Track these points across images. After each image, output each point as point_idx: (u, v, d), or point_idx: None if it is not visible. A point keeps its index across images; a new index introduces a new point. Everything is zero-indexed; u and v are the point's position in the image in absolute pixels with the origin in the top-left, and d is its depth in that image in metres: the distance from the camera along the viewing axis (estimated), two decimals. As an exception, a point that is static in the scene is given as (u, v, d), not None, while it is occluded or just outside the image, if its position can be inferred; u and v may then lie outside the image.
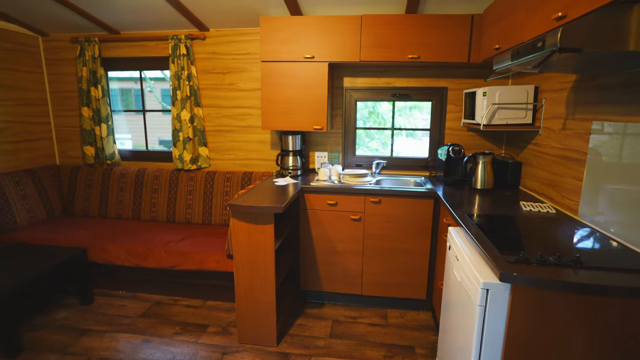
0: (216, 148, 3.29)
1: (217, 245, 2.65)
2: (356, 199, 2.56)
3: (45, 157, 3.47)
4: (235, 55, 3.12)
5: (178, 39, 3.07)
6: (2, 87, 3.05)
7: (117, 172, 3.32)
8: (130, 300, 2.79)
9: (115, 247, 2.69)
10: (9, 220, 2.92)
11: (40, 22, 3.13)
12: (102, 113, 3.30)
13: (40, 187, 3.21)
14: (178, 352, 2.21)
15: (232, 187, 3.10)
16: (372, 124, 3.28)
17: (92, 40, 3.21)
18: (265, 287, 2.21)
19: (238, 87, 3.16)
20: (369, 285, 2.67)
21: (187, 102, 3.13)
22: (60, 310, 2.65)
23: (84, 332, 2.39)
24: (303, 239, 2.67)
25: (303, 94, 2.74)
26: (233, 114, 3.21)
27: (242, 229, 2.16)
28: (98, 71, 3.25)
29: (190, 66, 3.11)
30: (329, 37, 2.63)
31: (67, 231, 2.92)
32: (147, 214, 3.22)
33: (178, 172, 3.23)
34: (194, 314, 2.61)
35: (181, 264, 2.62)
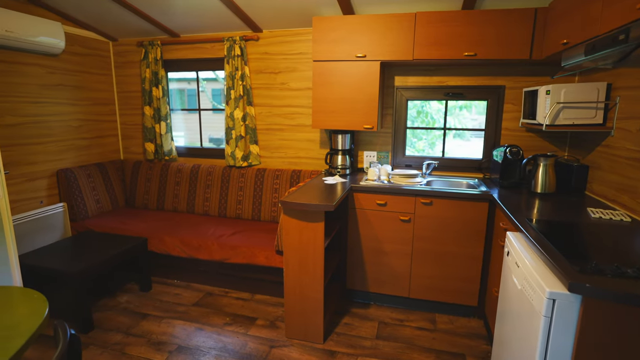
0: (266, 146, 3.38)
1: (266, 241, 2.73)
2: (406, 199, 2.51)
3: (111, 153, 3.76)
4: (287, 55, 3.18)
5: (233, 40, 3.19)
6: (78, 88, 3.34)
7: (174, 167, 3.52)
8: (184, 289, 2.94)
9: (171, 238, 2.85)
10: (82, 210, 3.19)
11: (111, 29, 3.39)
12: (162, 111, 3.51)
13: (107, 180, 3.48)
14: (228, 341, 2.30)
15: (281, 184, 3.17)
16: (419, 124, 3.20)
17: (155, 43, 3.42)
18: (313, 284, 2.23)
19: (289, 87, 3.22)
20: (417, 288, 2.62)
21: (240, 101, 3.25)
22: (123, 294, 2.86)
23: (144, 316, 2.56)
24: (351, 238, 2.67)
25: (354, 93, 2.74)
26: (283, 112, 3.28)
27: (293, 226, 2.20)
28: (159, 72, 3.46)
29: (244, 66, 3.22)
30: (382, 35, 2.61)
31: (130, 222, 3.14)
32: (201, 208, 3.39)
33: (230, 169, 3.36)
34: (242, 306, 2.70)
35: (232, 257, 2.72)
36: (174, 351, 2.20)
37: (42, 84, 3.04)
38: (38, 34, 2.82)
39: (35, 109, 3.00)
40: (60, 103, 3.19)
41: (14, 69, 2.83)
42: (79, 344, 1.12)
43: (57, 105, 3.17)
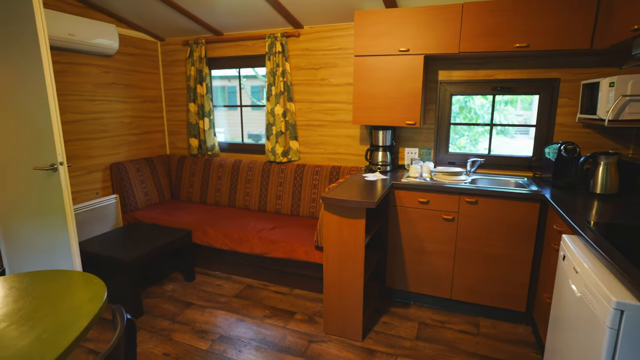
0: (306, 142, 3.40)
1: (306, 236, 2.74)
2: (450, 197, 2.43)
3: (158, 148, 3.93)
4: (328, 51, 3.17)
5: (274, 37, 3.22)
6: (129, 86, 3.53)
7: (216, 162, 3.62)
8: (226, 281, 3.03)
9: (214, 231, 2.94)
10: (132, 201, 3.37)
11: (160, 29, 3.53)
12: (206, 108, 3.62)
13: (154, 173, 3.65)
14: (268, 334, 2.34)
15: (320, 180, 3.18)
16: (462, 120, 3.07)
17: (200, 42, 3.52)
18: (353, 281, 2.22)
19: (329, 83, 3.21)
20: (460, 290, 2.53)
21: (280, 98, 3.28)
22: (169, 283, 2.99)
23: (188, 305, 2.67)
24: (391, 235, 2.62)
25: (396, 89, 2.68)
26: (323, 108, 3.28)
27: (333, 222, 2.19)
28: (203, 70, 3.56)
29: (285, 63, 3.24)
30: (426, 28, 2.52)
31: (175, 214, 3.27)
32: (241, 202, 3.47)
33: (270, 164, 3.41)
34: (281, 300, 2.74)
35: (272, 251, 2.76)
36: (217, 340, 2.28)
37: (97, 83, 3.23)
38: (95, 36, 2.99)
39: (92, 107, 3.20)
40: (113, 101, 3.38)
41: (73, 69, 3.03)
42: (134, 328, 1.18)
43: (110, 103, 3.36)
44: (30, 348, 1.03)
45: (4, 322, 1.15)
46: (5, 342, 1.06)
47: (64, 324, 1.15)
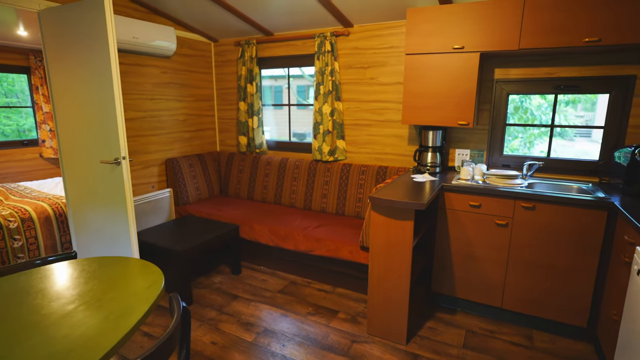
0: (353, 141, 3.38)
1: (351, 236, 2.73)
2: (504, 202, 2.31)
3: (209, 145, 4.10)
4: (377, 50, 3.13)
5: (324, 36, 3.23)
6: (184, 86, 3.71)
7: (264, 160, 3.71)
8: (270, 276, 3.09)
9: (261, 226, 3.01)
10: (184, 196, 3.54)
11: (214, 31, 3.68)
12: (255, 107, 3.72)
13: (205, 169, 3.81)
14: (311, 331, 2.36)
15: (366, 180, 3.15)
16: (516, 121, 2.90)
17: (251, 42, 3.62)
18: (399, 283, 2.17)
19: (378, 82, 3.17)
20: (512, 299, 2.39)
21: (328, 97, 3.29)
22: (216, 275, 3.11)
23: (235, 297, 2.75)
24: (439, 239, 2.54)
25: (449, 88, 2.58)
26: (372, 108, 3.24)
27: (380, 223, 2.16)
28: (254, 70, 3.66)
29: (334, 62, 3.25)
30: (482, 25, 2.41)
31: (224, 209, 3.39)
32: (287, 199, 3.52)
33: (316, 163, 3.43)
34: (324, 298, 2.75)
35: (316, 249, 2.78)
36: (261, 333, 2.33)
37: (156, 83, 3.43)
38: (156, 38, 3.18)
39: (151, 105, 3.40)
40: (169, 99, 3.57)
41: (136, 70, 3.24)
42: (189, 315, 1.23)
43: (167, 102, 3.55)
44: (98, 328, 1.11)
45: (77, 302, 1.25)
46: (76, 321, 1.15)
47: (127, 308, 1.23)
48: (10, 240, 2.80)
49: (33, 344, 1.03)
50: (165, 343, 1.07)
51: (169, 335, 1.08)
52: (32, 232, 2.93)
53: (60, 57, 2.52)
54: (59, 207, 3.11)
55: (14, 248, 2.82)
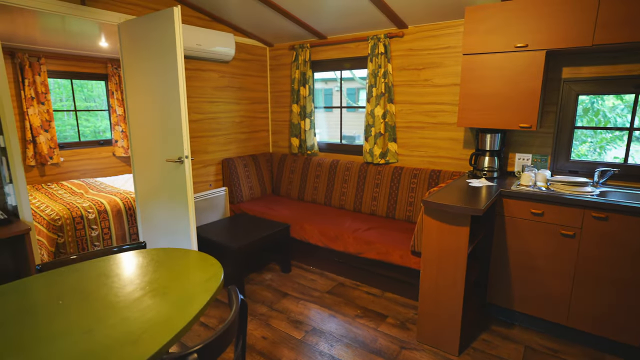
0: (405, 144, 3.33)
1: (401, 240, 2.69)
2: (571, 211, 2.14)
3: (263, 146, 4.25)
4: (432, 51, 3.06)
5: (377, 38, 3.22)
6: (241, 89, 3.88)
7: (315, 161, 3.77)
8: (319, 276, 3.13)
9: (311, 227, 3.06)
10: (238, 194, 3.70)
11: (269, 36, 3.81)
12: (307, 109, 3.79)
13: (258, 170, 3.95)
14: (359, 333, 2.35)
15: (418, 184, 3.08)
16: (585, 123, 2.67)
17: (305, 46, 3.70)
18: (452, 291, 2.10)
19: (433, 83, 3.09)
20: (580, 317, 2.21)
21: (381, 99, 3.27)
22: (267, 272, 3.21)
23: (284, 295, 2.82)
24: (496, 247, 2.42)
25: (509, 88, 2.46)
26: (425, 110, 3.17)
27: (434, 228, 2.11)
28: (307, 73, 3.74)
29: (387, 64, 3.22)
30: (550, 20, 2.26)
31: (276, 208, 3.50)
32: (337, 201, 3.55)
33: (367, 165, 3.42)
34: (373, 302, 2.73)
35: (366, 252, 2.77)
36: (310, 331, 2.37)
37: (215, 87, 3.62)
38: (216, 44, 3.36)
39: (210, 107, 3.59)
40: (227, 102, 3.76)
41: (198, 75, 3.45)
42: (246, 307, 1.29)
43: (225, 104, 3.73)
44: (166, 313, 1.20)
45: (147, 288, 1.36)
46: (147, 305, 1.25)
47: (191, 296, 1.31)
48: (89, 229, 3.10)
49: (113, 323, 1.14)
50: (225, 333, 1.14)
51: (228, 325, 1.14)
52: (106, 223, 3.23)
53: (134, 64, 2.76)
54: (128, 202, 3.40)
55: (92, 237, 3.13)
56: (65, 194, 3.64)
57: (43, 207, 3.21)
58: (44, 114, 4.24)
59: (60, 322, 1.15)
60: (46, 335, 1.08)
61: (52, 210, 3.06)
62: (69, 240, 3.01)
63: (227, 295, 2.82)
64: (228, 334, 1.15)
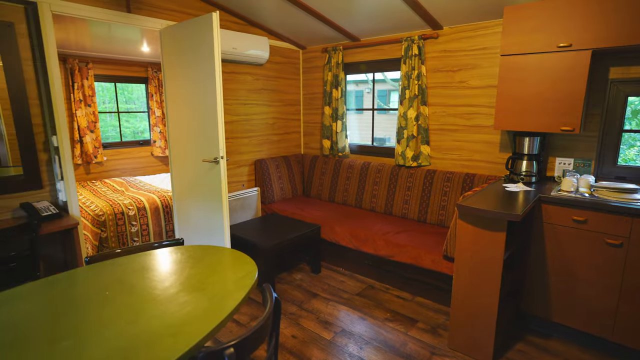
0: (438, 147, 3.27)
1: (433, 244, 2.64)
2: (618, 219, 2.03)
3: (294, 147, 4.30)
4: (468, 52, 2.99)
5: (411, 40, 3.19)
6: (274, 91, 3.95)
7: (346, 163, 3.77)
8: (349, 278, 3.13)
9: (341, 228, 3.07)
10: (270, 194, 3.77)
11: (302, 39, 3.86)
12: (339, 111, 3.80)
13: (290, 171, 4.00)
14: (389, 337, 2.34)
15: (451, 187, 3.02)
16: (634, 127, 2.51)
17: (338, 48, 3.72)
18: (486, 298, 2.04)
19: (468, 85, 3.02)
20: (626, 331, 2.09)
21: (414, 101, 3.23)
22: (297, 272, 3.24)
23: (314, 295, 2.85)
24: (533, 254, 2.33)
25: (550, 90, 2.36)
26: (459, 112, 3.10)
27: (468, 232, 2.06)
28: (339, 75, 3.75)
29: (421, 66, 3.18)
30: (597, 17, 2.16)
31: (306, 209, 3.53)
32: (368, 203, 3.53)
33: (399, 168, 3.39)
34: (403, 306, 2.70)
35: (397, 255, 2.74)
36: (339, 333, 2.37)
37: (249, 89, 3.71)
38: (251, 48, 3.44)
39: (244, 109, 3.69)
40: (260, 104, 3.84)
41: (233, 77, 3.54)
42: (279, 306, 1.32)
43: (258, 106, 3.82)
44: (204, 308, 1.25)
45: (185, 283, 1.42)
46: (186, 299, 1.30)
47: (227, 293, 1.35)
48: (129, 225, 3.26)
49: (154, 315, 1.20)
50: (260, 329, 1.17)
51: (263, 322, 1.17)
52: (145, 219, 3.38)
53: (174, 67, 2.88)
54: (165, 200, 3.54)
55: (131, 232, 3.29)
56: (108, 191, 3.84)
57: (88, 203, 3.41)
58: (90, 115, 4.50)
59: (107, 312, 1.22)
60: (95, 323, 1.16)
61: (97, 207, 3.24)
62: (110, 235, 3.18)
63: (257, 293, 2.88)
64: (262, 331, 1.18)
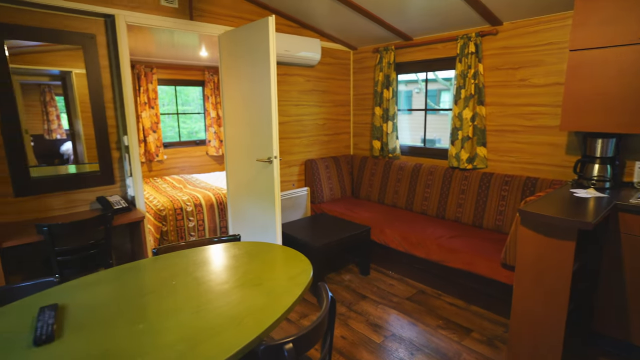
0: (495, 149, 3.11)
1: (489, 251, 2.52)
2: None
3: (344, 148, 4.31)
4: (531, 48, 2.81)
5: (468, 37, 3.06)
6: (324, 92, 3.99)
7: (396, 165, 3.71)
8: (398, 282, 3.07)
9: (392, 231, 3.02)
10: (320, 194, 3.81)
11: (353, 39, 3.86)
12: (390, 112, 3.75)
13: (339, 171, 4.01)
14: (442, 345, 2.26)
15: (510, 191, 2.86)
16: None
17: (389, 48, 3.67)
18: (552, 313, 1.91)
19: (530, 83, 2.85)
20: None
21: (470, 101, 3.10)
22: (345, 273, 3.24)
23: (363, 297, 2.83)
24: (607, 267, 2.13)
25: (628, 87, 2.15)
26: (520, 112, 2.93)
27: (531, 240, 1.94)
28: (391, 75, 3.70)
29: (478, 64, 3.05)
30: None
31: (356, 210, 3.52)
32: (419, 206, 3.45)
33: (452, 170, 3.27)
34: (456, 314, 2.60)
35: (450, 260, 2.65)
36: (389, 337, 2.34)
37: (300, 90, 3.77)
38: (303, 50, 3.50)
39: (296, 110, 3.75)
40: (311, 105, 3.89)
41: (286, 79, 3.62)
42: (335, 305, 1.32)
43: (309, 107, 3.87)
44: (262, 303, 1.28)
45: (244, 278, 1.47)
46: (244, 293, 1.35)
47: (283, 289, 1.38)
48: (187, 220, 3.45)
49: (217, 306, 1.25)
50: (317, 327, 1.18)
51: (320, 320, 1.18)
52: (201, 215, 3.56)
53: (231, 70, 3.01)
54: (219, 197, 3.70)
55: (189, 227, 3.47)
56: (168, 188, 4.09)
57: (151, 198, 3.65)
58: (153, 117, 4.82)
59: (174, 300, 1.30)
60: (165, 310, 1.23)
61: (158, 202, 3.47)
62: (170, 229, 3.38)
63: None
64: (319, 330, 1.19)
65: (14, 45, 2.35)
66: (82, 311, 1.23)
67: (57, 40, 2.47)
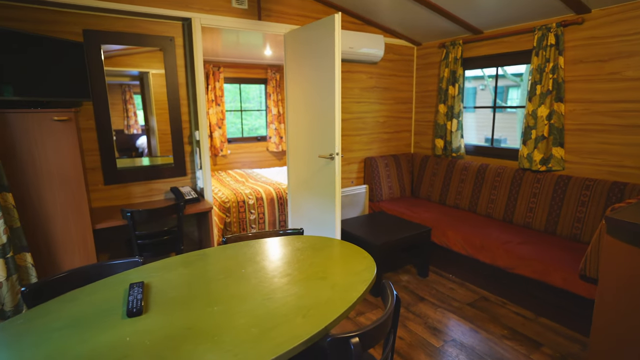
0: (575, 149, 2.85)
1: (565, 260, 2.32)
2: None
3: (404, 146, 4.22)
4: (626, 37, 2.53)
5: (547, 28, 2.83)
6: (386, 89, 3.93)
7: (460, 164, 3.55)
8: (459, 286, 2.95)
9: (454, 233, 2.91)
10: (379, 193, 3.77)
11: (418, 34, 3.75)
12: (455, 109, 3.59)
13: (399, 170, 3.94)
14: (507, 357, 2.13)
15: (592, 197, 2.60)
16: None
17: (457, 43, 3.51)
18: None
19: (623, 77, 2.56)
20: None
21: (546, 97, 2.87)
22: (403, 274, 3.18)
23: (421, 299, 2.75)
24: None
25: None
26: (609, 109, 2.65)
27: (619, 251, 1.75)
28: (457, 71, 3.54)
29: (558, 57, 2.80)
30: None
31: (416, 210, 3.43)
32: (484, 209, 3.27)
33: (523, 172, 3.06)
34: (523, 325, 2.43)
35: (518, 267, 2.48)
36: (449, 342, 2.25)
37: (363, 87, 3.75)
38: (367, 46, 3.47)
39: (357, 108, 3.74)
40: (372, 102, 3.85)
41: (348, 76, 3.63)
42: (399, 303, 1.31)
43: (370, 104, 3.84)
44: (328, 296, 1.31)
45: (308, 270, 1.51)
46: (309, 285, 1.38)
47: (348, 284, 1.40)
48: (249, 213, 3.61)
49: (285, 295, 1.30)
50: (382, 325, 1.17)
51: (385, 317, 1.18)
52: (262, 209, 3.69)
53: (296, 68, 3.07)
54: (279, 191, 3.82)
55: (250, 219, 3.63)
56: (231, 181, 4.31)
57: (216, 190, 3.87)
58: (219, 113, 5.10)
59: (244, 286, 1.37)
60: (236, 295, 1.30)
61: (223, 194, 3.66)
62: (233, 220, 3.56)
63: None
64: (384, 327, 1.19)
65: (105, 50, 2.61)
66: (163, 290, 1.35)
67: (141, 43, 2.70)
